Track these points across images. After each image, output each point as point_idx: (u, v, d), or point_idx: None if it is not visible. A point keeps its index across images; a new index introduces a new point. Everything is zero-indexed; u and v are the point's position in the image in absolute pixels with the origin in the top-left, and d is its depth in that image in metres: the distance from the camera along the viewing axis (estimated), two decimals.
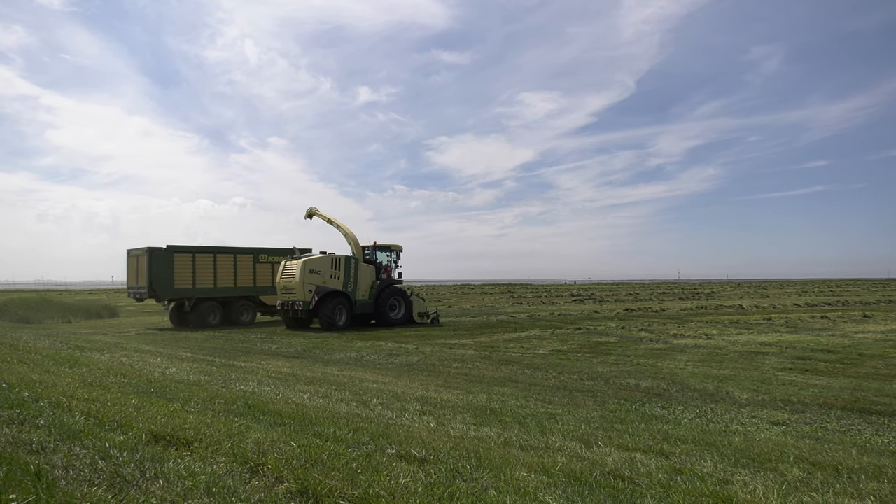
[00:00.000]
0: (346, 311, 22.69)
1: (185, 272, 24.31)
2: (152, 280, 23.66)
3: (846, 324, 22.05)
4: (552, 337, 18.62)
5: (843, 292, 54.93)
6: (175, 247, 24.38)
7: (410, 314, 24.16)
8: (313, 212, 25.81)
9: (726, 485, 4.32)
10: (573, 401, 8.58)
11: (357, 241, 24.30)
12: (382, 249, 24.62)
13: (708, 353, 14.49)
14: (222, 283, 25.34)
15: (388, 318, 23.55)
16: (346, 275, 22.81)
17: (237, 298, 25.79)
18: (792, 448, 5.80)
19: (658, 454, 5.33)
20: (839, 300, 40.26)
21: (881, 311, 29.10)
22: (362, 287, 23.31)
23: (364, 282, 23.40)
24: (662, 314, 28.67)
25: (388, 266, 24.68)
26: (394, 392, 8.81)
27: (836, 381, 10.62)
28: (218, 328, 24.24)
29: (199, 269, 24.63)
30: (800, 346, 15.60)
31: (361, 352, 15.07)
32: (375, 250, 24.44)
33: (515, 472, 4.31)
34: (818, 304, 36.42)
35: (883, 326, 20.86)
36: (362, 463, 4.35)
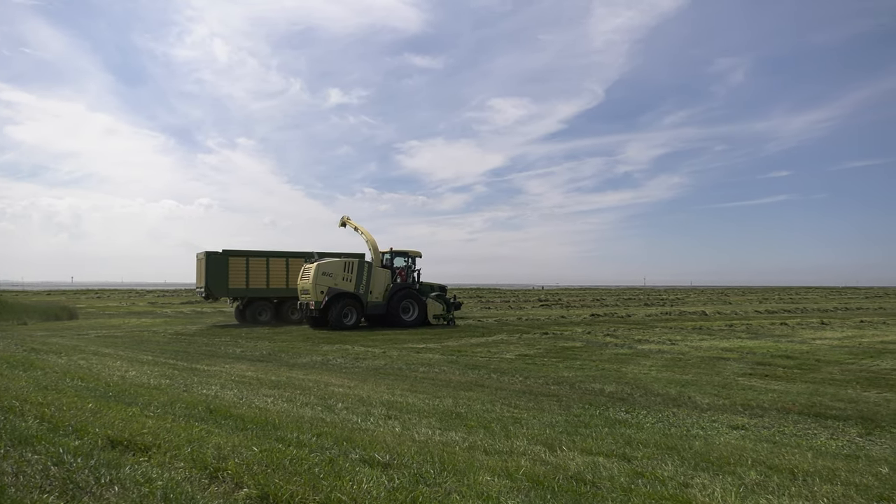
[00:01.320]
0: (355, 311, 24.04)
1: (238, 274, 26.52)
2: (208, 281, 26.06)
3: (804, 330, 22.61)
4: (519, 342, 18.72)
5: (802, 300, 56.36)
6: (230, 251, 26.61)
7: (425, 316, 25.17)
8: (346, 220, 27.50)
9: (686, 488, 4.39)
10: (538, 405, 8.63)
11: (377, 247, 25.83)
12: (399, 254, 26.08)
13: (671, 358, 14.71)
14: (275, 284, 27.15)
15: (401, 319, 24.68)
16: (358, 277, 24.26)
17: (289, 298, 27.20)
18: (750, 451, 5.91)
19: (620, 458, 5.39)
20: (798, 307, 41.29)
21: (838, 318, 29.93)
22: (376, 290, 24.72)
23: (378, 285, 24.82)
24: (628, 320, 29.04)
25: (404, 270, 25.94)
26: (359, 396, 8.75)
27: (793, 386, 10.87)
28: (269, 325, 25.92)
29: (252, 271, 26.77)
30: (760, 351, 15.94)
31: (328, 355, 14.94)
32: (393, 255, 25.94)
33: (479, 476, 4.32)
34: (778, 310, 37.30)
35: (839, 333, 21.44)
36: (325, 468, 4.31)
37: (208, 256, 26.10)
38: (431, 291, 26.38)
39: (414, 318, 24.96)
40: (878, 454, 6.20)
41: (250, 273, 26.72)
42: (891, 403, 9.23)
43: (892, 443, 6.81)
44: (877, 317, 30.74)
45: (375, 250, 25.81)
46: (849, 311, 36.25)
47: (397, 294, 24.91)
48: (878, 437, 7.12)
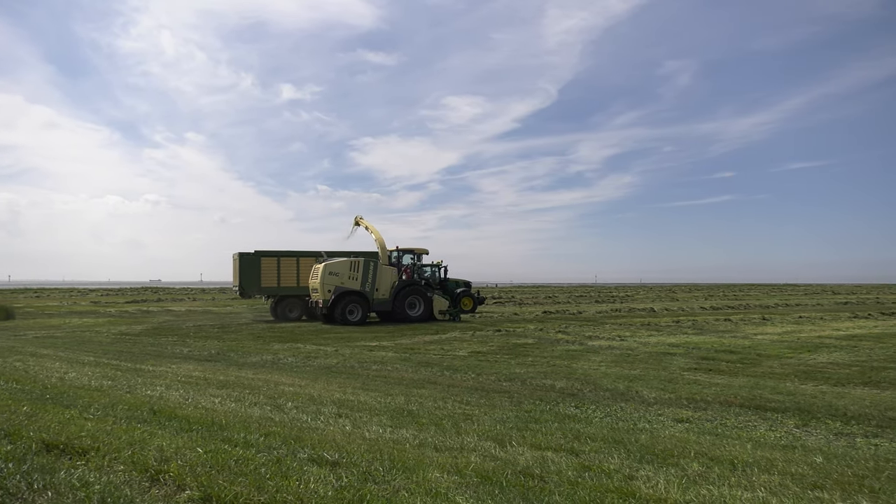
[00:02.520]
0: (360, 308, 25.18)
1: (270, 273, 27.86)
2: (241, 280, 27.53)
3: (747, 326, 23.38)
4: (472, 339, 18.81)
5: (745, 296, 58.28)
6: (262, 251, 27.97)
7: (430, 312, 26.16)
8: (358, 220, 28.87)
9: (631, 480, 4.48)
10: (490, 401, 8.68)
11: (384, 246, 27.01)
12: (406, 253, 27.34)
13: (620, 354, 15.01)
14: (305, 283, 27.80)
15: (406, 315, 25.85)
16: (363, 276, 25.54)
17: None
18: (693, 444, 6.08)
19: (569, 452, 5.47)
20: (741, 304, 42.69)
21: (778, 314, 31.06)
22: (382, 287, 25.92)
23: (385, 282, 26.00)
24: (579, 316, 29.51)
25: (409, 268, 27.15)
26: (310, 395, 8.64)
27: (736, 379, 11.22)
28: (299, 321, 27.10)
29: (283, 270, 28.06)
30: (704, 347, 16.41)
31: (278, 354, 14.72)
32: (400, 254, 27.20)
33: (429, 473, 4.31)
34: (723, 307, 38.48)
35: (779, 328, 22.25)
36: (272, 468, 4.24)
37: (241, 257, 27.55)
38: (457, 287, 27.80)
39: (420, 314, 26.02)
40: (813, 444, 6.45)
41: (281, 272, 28.05)
42: (826, 395, 9.62)
43: (826, 433, 7.10)
44: (814, 313, 32.02)
45: (383, 249, 26.90)
46: (788, 308, 37.67)
47: (403, 291, 25.99)
48: (813, 428, 7.42)
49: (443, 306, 26.46)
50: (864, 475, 4.99)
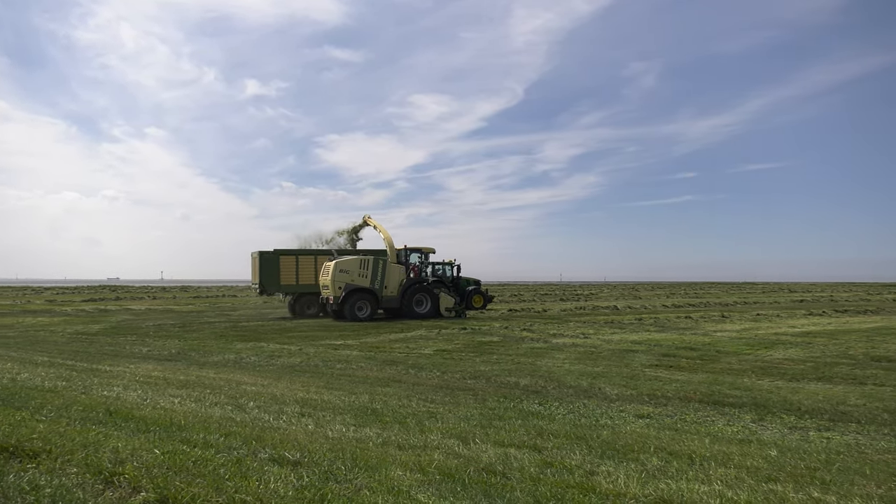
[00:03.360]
0: (369, 305, 25.96)
1: (289, 271, 28.45)
2: (262, 278, 28.14)
3: (707, 323, 23.88)
4: (438, 337, 18.81)
5: (705, 294, 59.52)
6: (281, 250, 28.66)
7: (437, 309, 26.98)
8: (367, 219, 29.87)
9: (592, 475, 4.53)
10: (454, 399, 8.70)
11: (392, 245, 27.71)
12: (414, 251, 28.13)
13: (584, 351, 15.18)
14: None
15: (414, 312, 26.49)
16: (373, 274, 26.25)
17: None
18: (653, 439, 6.18)
19: (532, 449, 5.50)
20: (702, 301, 43.58)
21: (737, 311, 31.79)
22: (391, 285, 26.63)
23: (393, 280, 26.71)
24: (544, 314, 29.76)
25: (416, 266, 27.90)
26: (273, 394, 8.54)
27: (695, 376, 11.45)
28: (317, 317, 27.75)
29: (301, 268, 28.60)
30: (666, 344, 16.70)
31: (241, 353, 14.50)
32: (407, 252, 27.93)
33: (391, 471, 4.30)
34: (683, 305, 39.23)
35: (738, 325, 22.78)
36: (231, 469, 4.17)
37: (261, 255, 28.18)
38: (468, 286, 28.72)
39: (427, 311, 26.79)
40: (768, 438, 6.61)
41: (300, 270, 28.65)
42: (781, 391, 9.88)
43: (781, 427, 7.29)
44: (771, 310, 32.87)
45: (391, 248, 27.61)
46: (747, 305, 38.58)
47: (410, 288, 26.76)
48: (769, 422, 7.61)
49: (449, 304, 27.28)
50: (816, 467, 5.14)
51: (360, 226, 30.63)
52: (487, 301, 29.39)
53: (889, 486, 4.58)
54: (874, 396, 9.42)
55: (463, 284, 28.71)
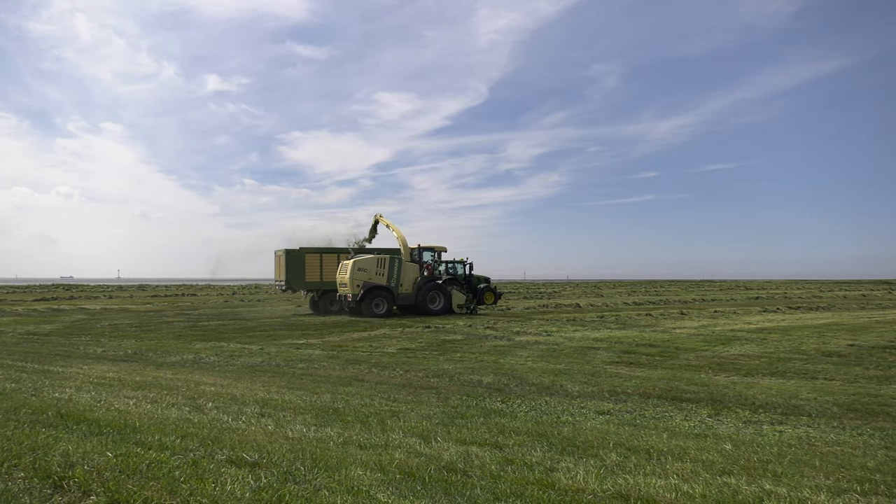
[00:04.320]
0: (386, 302, 26.74)
1: (314, 268, 29.57)
2: (288, 275, 29.07)
3: (666, 320, 24.33)
4: (401, 335, 18.77)
5: (665, 292, 60.67)
6: (306, 248, 29.87)
7: (450, 306, 27.87)
8: (378, 218, 30.62)
9: (552, 472, 4.57)
10: (417, 398, 8.68)
11: (406, 244, 28.42)
12: (427, 250, 28.85)
13: (547, 349, 15.32)
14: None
15: (428, 309, 27.35)
16: (389, 272, 27.05)
17: None
18: (613, 435, 6.27)
19: (493, 446, 5.53)
20: (662, 299, 44.41)
21: (695, 308, 32.48)
22: (406, 282, 27.42)
23: (408, 278, 27.52)
24: (507, 313, 29.93)
25: (430, 264, 28.55)
26: (232, 395, 8.40)
27: (655, 372, 11.66)
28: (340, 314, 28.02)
29: (325, 266, 29.60)
30: (626, 341, 16.97)
31: (200, 353, 14.23)
32: (420, 251, 28.61)
33: (351, 471, 4.26)
34: (644, 302, 39.91)
35: (696, 322, 23.27)
36: (187, 471, 4.09)
37: (287, 253, 29.19)
38: (479, 283, 29.58)
39: (440, 308, 27.68)
40: (723, 432, 6.77)
41: (324, 268, 29.71)
42: (737, 386, 10.13)
43: (736, 422, 7.47)
44: (728, 307, 33.68)
45: (405, 246, 28.38)
46: (705, 303, 39.46)
47: (425, 286, 27.62)
48: (724, 416, 7.79)
49: (461, 300, 28.25)
50: (769, 460, 5.27)
51: (373, 225, 31.17)
52: (497, 297, 30.32)
53: (837, 477, 4.73)
54: (824, 390, 9.72)
55: (475, 282, 29.68)
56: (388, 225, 30.03)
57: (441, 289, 28.12)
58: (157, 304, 37.76)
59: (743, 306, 34.95)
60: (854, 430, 7.03)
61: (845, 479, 4.68)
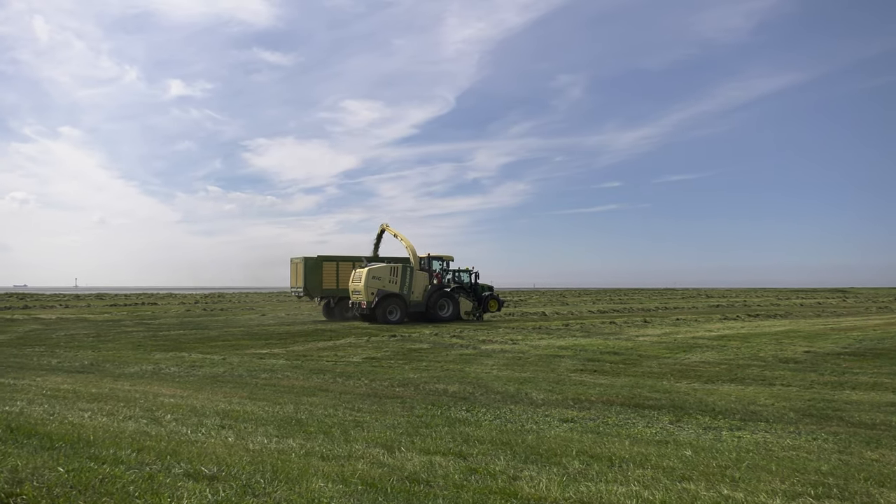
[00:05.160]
0: (399, 309, 27.68)
1: (330, 276, 30.74)
2: (306, 282, 30.23)
3: (630, 328, 24.66)
4: (367, 344, 18.65)
5: (629, 300, 61.49)
6: (324, 256, 31.09)
7: (458, 313, 28.87)
8: (385, 227, 31.48)
9: (515, 480, 4.57)
10: (382, 408, 8.62)
11: (415, 253, 29.42)
12: (435, 259, 29.92)
13: (512, 357, 15.38)
14: None
15: (438, 316, 28.36)
16: (402, 280, 28.09)
17: None
18: (576, 442, 6.31)
19: (457, 456, 5.51)
20: (626, 307, 45.02)
21: (658, 316, 33.01)
22: (417, 290, 28.43)
23: (418, 286, 28.54)
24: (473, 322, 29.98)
25: (439, 273, 29.81)
26: (192, 406, 8.22)
27: (618, 379, 11.79)
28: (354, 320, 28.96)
29: (341, 273, 30.64)
30: (591, 349, 17.14)
31: (160, 364, 13.91)
32: (430, 260, 29.69)
33: (312, 483, 4.20)
34: (608, 310, 40.41)
35: (659, 330, 23.64)
36: (142, 485, 3.97)
37: (306, 261, 30.43)
38: (484, 291, 30.52)
39: (449, 315, 28.59)
40: (684, 439, 6.87)
41: (340, 275, 30.76)
42: (697, 392, 10.31)
43: (696, 428, 7.60)
44: (690, 315, 34.31)
45: (414, 255, 29.39)
46: (668, 311, 40.12)
47: (434, 294, 28.70)
48: (685, 423, 7.91)
49: (468, 308, 29.32)
50: (727, 465, 5.37)
51: (379, 234, 32.00)
52: (501, 305, 31.21)
53: (792, 481, 4.83)
54: (781, 396, 9.95)
55: (479, 290, 30.54)
56: (396, 234, 30.85)
57: (450, 296, 29.13)
58: (116, 314, 36.84)
59: (704, 314, 35.62)
60: (809, 434, 7.21)
61: (800, 483, 4.78)
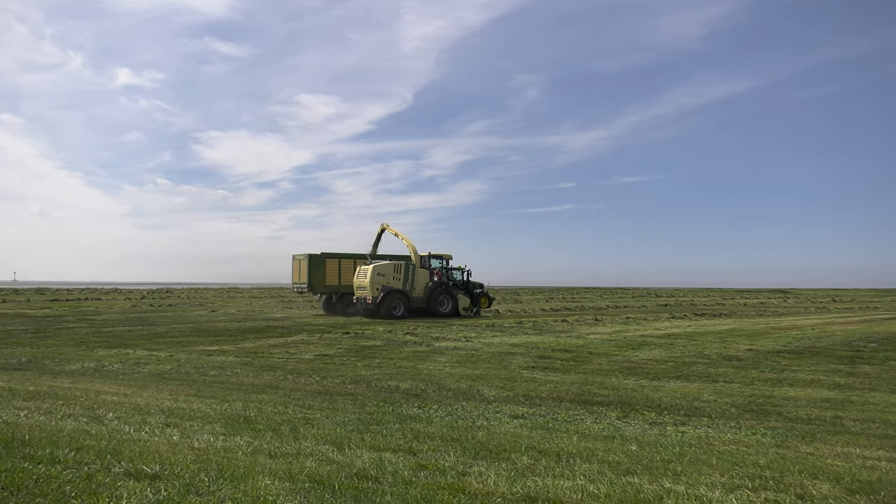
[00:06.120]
0: (403, 305, 28.81)
1: (332, 272, 32.05)
2: (310, 278, 31.44)
3: (581, 326, 25.08)
4: (320, 341, 18.47)
5: (581, 298, 62.53)
6: (327, 253, 32.24)
7: (457, 309, 30.04)
8: (385, 227, 32.15)
9: (464, 476, 4.60)
10: (333, 405, 8.55)
11: (416, 251, 30.47)
12: (435, 257, 30.98)
13: (465, 354, 15.46)
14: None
15: (438, 311, 29.51)
16: (405, 277, 29.22)
17: None
18: (525, 438, 6.38)
19: (407, 452, 5.51)
20: (578, 305, 45.75)
21: (609, 315, 33.66)
22: (418, 287, 29.58)
23: (420, 283, 29.67)
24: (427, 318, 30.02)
25: (439, 270, 30.72)
26: (136, 404, 7.99)
27: (568, 376, 11.98)
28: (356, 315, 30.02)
29: (343, 270, 32.11)
30: (543, 346, 17.37)
31: (102, 361, 13.48)
32: (430, 258, 30.73)
33: (259, 480, 4.14)
34: (561, 308, 41.00)
35: (609, 328, 24.11)
36: (79, 485, 3.85)
37: (310, 258, 31.60)
38: (475, 288, 31.66)
39: (448, 310, 29.78)
40: (630, 434, 7.03)
41: (342, 272, 32.11)
42: (644, 389, 10.55)
43: (642, 423, 7.78)
44: (639, 313, 35.09)
45: (415, 253, 30.47)
46: (618, 309, 40.94)
47: (435, 290, 29.84)
48: (632, 418, 8.09)
49: (466, 304, 30.52)
50: (670, 459, 5.51)
51: (379, 234, 32.68)
52: (491, 301, 32.77)
53: (731, 474, 4.99)
54: (724, 392, 10.28)
55: (471, 287, 31.58)
56: (397, 234, 31.80)
57: (450, 293, 30.35)
58: (57, 309, 35.53)
59: (653, 313, 36.49)
60: (749, 429, 7.46)
61: (738, 475, 4.95)
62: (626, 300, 59.52)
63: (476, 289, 31.76)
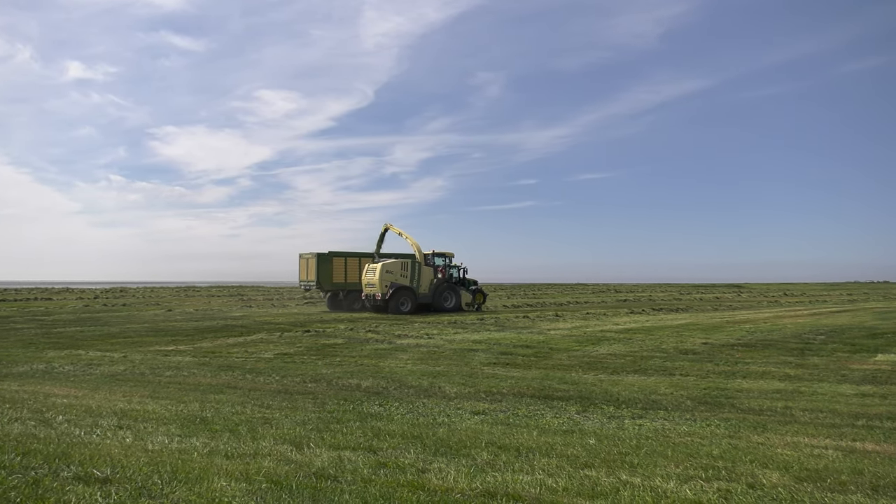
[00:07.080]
0: (410, 301, 30.44)
1: (339, 270, 33.59)
2: (318, 276, 32.95)
3: (542, 322, 25.31)
4: (280, 340, 18.23)
5: (542, 295, 63.16)
6: (334, 252, 33.73)
7: (459, 304, 31.90)
8: (388, 227, 33.35)
9: (424, 473, 4.59)
10: (292, 404, 8.45)
11: (420, 249, 31.96)
12: (439, 256, 32.52)
13: (427, 351, 15.45)
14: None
15: (442, 307, 31.33)
16: (411, 274, 30.81)
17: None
18: (486, 434, 6.41)
19: (367, 450, 5.48)
20: (539, 301, 46.18)
21: (570, 310, 34.06)
22: (424, 284, 31.24)
23: (425, 280, 31.32)
24: (389, 316, 29.93)
25: (443, 268, 32.34)
26: (87, 406, 7.77)
27: (529, 372, 12.07)
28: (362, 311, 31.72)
29: (349, 268, 33.71)
30: (504, 342, 17.47)
31: (52, 363, 13.06)
32: (434, 256, 32.33)
33: (214, 482, 4.06)
34: (522, 305, 41.32)
35: (570, 324, 24.39)
36: (25, 491, 3.72)
37: (318, 256, 33.04)
38: (471, 285, 33.30)
39: (452, 306, 31.57)
40: (589, 428, 7.12)
41: (348, 270, 33.64)
42: (603, 383, 10.71)
43: (601, 417, 7.89)
44: (599, 309, 35.60)
45: (419, 252, 31.87)
46: (578, 305, 41.47)
47: (440, 287, 31.60)
48: (591, 413, 8.20)
49: (468, 300, 32.36)
50: (627, 452, 5.61)
51: (382, 233, 33.79)
52: (485, 297, 34.16)
53: (686, 465, 5.11)
54: (680, 385, 10.50)
55: (468, 284, 33.22)
56: (401, 233, 32.95)
57: (454, 289, 32.20)
58: (5, 309, 34.28)
59: (612, 308, 37.06)
60: (703, 421, 7.64)
61: (693, 466, 5.06)
62: (587, 296, 60.35)
63: (471, 286, 33.31)
